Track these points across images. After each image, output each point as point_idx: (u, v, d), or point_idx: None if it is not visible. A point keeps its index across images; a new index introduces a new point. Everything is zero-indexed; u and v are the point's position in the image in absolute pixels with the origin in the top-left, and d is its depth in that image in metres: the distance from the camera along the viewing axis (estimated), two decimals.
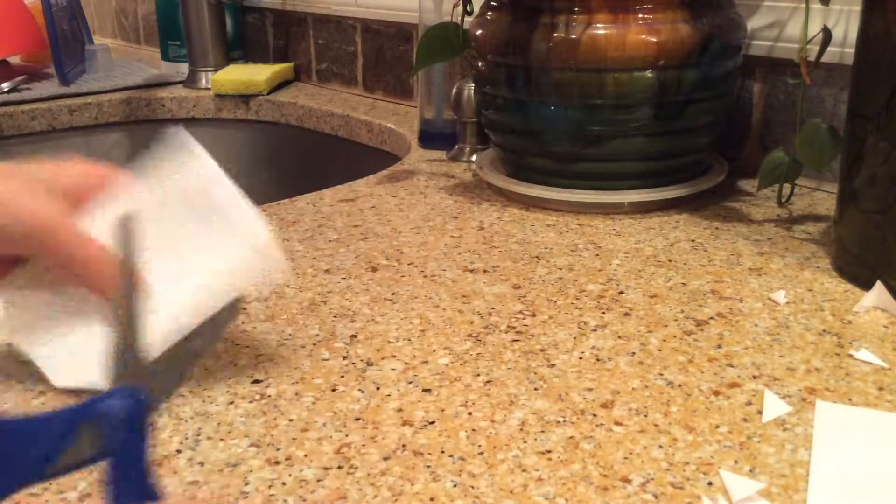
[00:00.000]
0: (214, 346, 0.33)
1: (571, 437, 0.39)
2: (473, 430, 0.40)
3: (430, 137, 0.91)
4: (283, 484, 0.36)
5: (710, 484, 0.36)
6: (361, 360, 0.46)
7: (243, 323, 0.51)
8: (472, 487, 0.36)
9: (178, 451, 0.38)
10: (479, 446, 0.38)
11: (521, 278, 0.57)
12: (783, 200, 0.70)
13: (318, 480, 0.36)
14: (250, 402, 0.42)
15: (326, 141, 1.13)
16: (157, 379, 0.30)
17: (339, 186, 0.78)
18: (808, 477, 0.36)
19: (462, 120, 0.85)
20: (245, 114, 1.21)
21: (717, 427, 0.40)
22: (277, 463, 0.38)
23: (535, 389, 0.43)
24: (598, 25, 0.65)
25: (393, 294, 0.55)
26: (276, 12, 1.29)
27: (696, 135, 0.70)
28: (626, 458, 0.37)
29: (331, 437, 0.39)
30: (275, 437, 0.39)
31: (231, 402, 0.42)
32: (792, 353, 0.46)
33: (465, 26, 0.74)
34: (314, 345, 0.48)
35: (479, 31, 0.72)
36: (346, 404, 0.42)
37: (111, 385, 0.28)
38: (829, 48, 0.63)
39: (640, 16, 0.65)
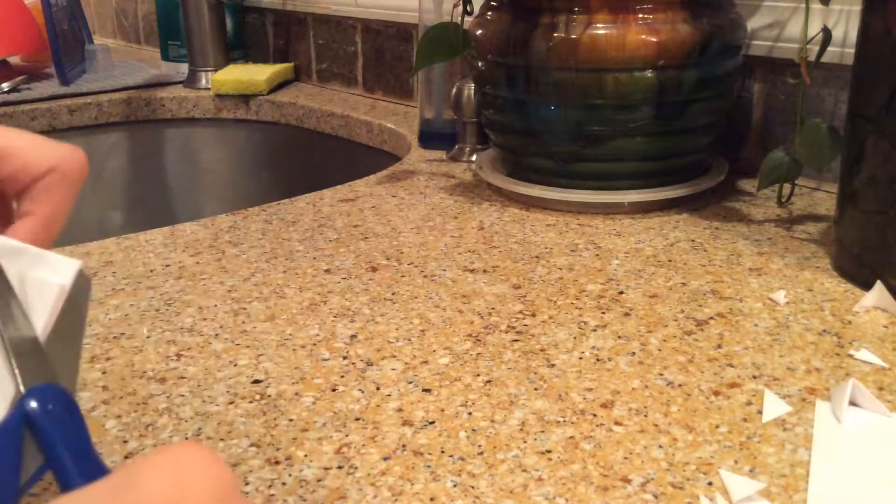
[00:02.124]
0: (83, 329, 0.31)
1: (571, 437, 0.39)
2: (473, 430, 0.40)
3: (430, 137, 0.91)
4: (283, 484, 0.36)
5: (710, 484, 0.36)
6: (361, 360, 0.46)
7: (243, 323, 0.51)
8: (472, 487, 0.36)
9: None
10: (479, 446, 0.38)
11: (521, 278, 0.57)
12: (783, 200, 0.70)
13: (318, 480, 0.36)
14: (250, 402, 0.42)
15: (326, 141, 1.13)
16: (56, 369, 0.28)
17: (339, 186, 0.78)
18: (808, 477, 0.36)
19: (462, 120, 0.85)
20: (245, 114, 1.21)
21: (717, 427, 0.40)
22: (277, 463, 0.38)
23: (535, 389, 0.43)
24: (598, 25, 0.65)
25: (393, 294, 0.55)
26: (276, 12, 1.29)
27: (696, 135, 0.70)
28: (626, 458, 0.37)
29: (331, 437, 0.39)
30: (275, 437, 0.39)
31: (231, 402, 0.42)
32: (792, 353, 0.46)
33: (465, 26, 0.74)
34: (314, 345, 0.48)
35: (479, 31, 0.72)
36: (346, 404, 0.42)
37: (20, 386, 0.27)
38: (829, 48, 0.63)
39: (640, 16, 0.65)
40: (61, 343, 0.29)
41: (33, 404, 0.25)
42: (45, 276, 0.29)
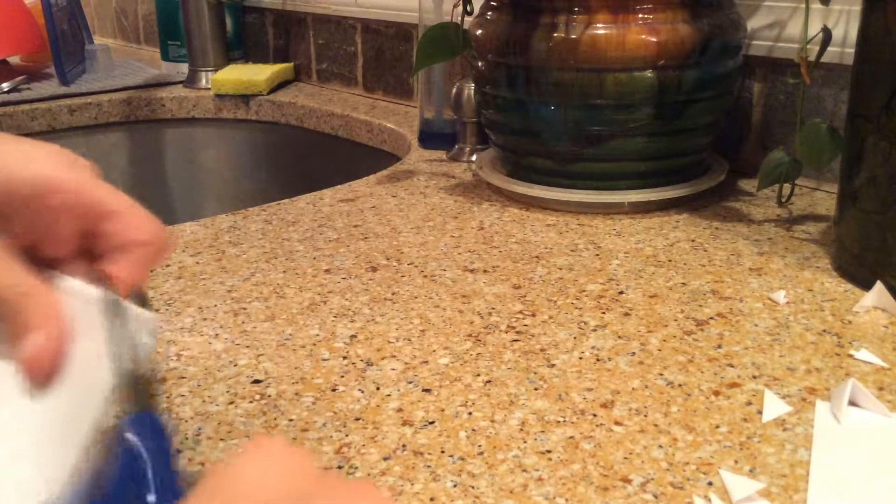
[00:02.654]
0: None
1: (571, 437, 0.39)
2: (473, 430, 0.40)
3: (430, 137, 0.91)
4: None
5: (710, 484, 0.36)
6: (361, 360, 0.46)
7: (243, 323, 0.51)
8: (472, 487, 0.36)
9: (179, 451, 0.38)
10: (479, 446, 0.38)
11: (521, 278, 0.57)
12: (783, 200, 0.70)
13: None
14: (250, 402, 0.42)
15: (326, 141, 1.13)
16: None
17: (339, 186, 0.78)
18: (808, 477, 0.36)
19: (462, 120, 0.85)
20: (245, 114, 1.21)
21: (717, 427, 0.40)
22: None
23: (535, 389, 0.43)
24: (598, 25, 0.65)
25: (393, 294, 0.55)
26: (276, 12, 1.29)
27: (696, 135, 0.70)
28: (626, 458, 0.37)
29: (331, 437, 0.39)
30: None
31: (231, 402, 0.42)
32: (792, 353, 0.46)
33: (465, 26, 0.74)
34: (314, 345, 0.48)
35: (479, 31, 0.72)
36: (346, 404, 0.42)
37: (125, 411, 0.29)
38: (829, 48, 0.63)
39: (640, 16, 0.65)
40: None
41: (129, 435, 0.27)
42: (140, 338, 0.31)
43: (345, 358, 0.47)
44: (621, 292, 0.54)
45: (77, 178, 0.31)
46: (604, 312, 0.52)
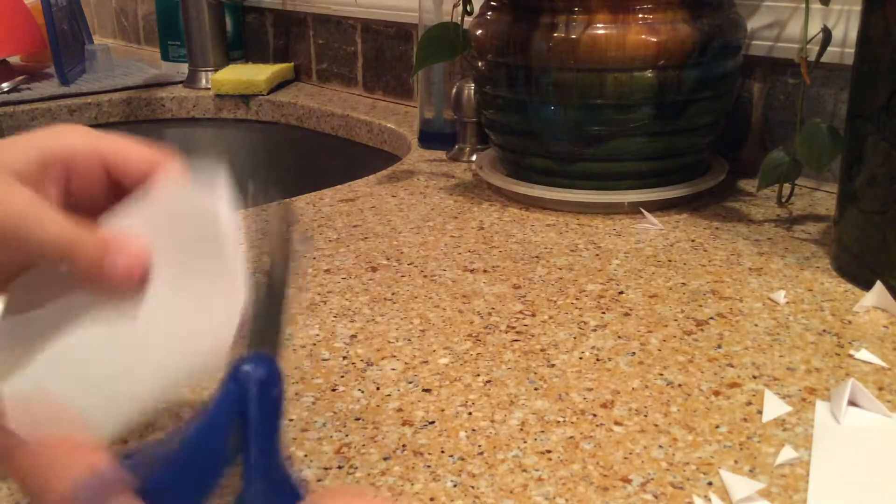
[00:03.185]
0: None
1: (571, 437, 0.39)
2: (473, 430, 0.40)
3: (430, 137, 0.91)
4: None
5: (710, 484, 0.36)
6: (361, 360, 0.46)
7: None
8: (472, 487, 0.36)
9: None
10: (479, 446, 0.38)
11: (521, 278, 0.57)
12: (783, 200, 0.70)
13: (318, 480, 0.36)
14: None
15: (326, 141, 1.13)
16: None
17: (339, 186, 0.78)
18: (808, 477, 0.36)
19: (462, 120, 0.85)
20: (245, 114, 1.21)
21: (717, 427, 0.40)
22: None
23: (535, 389, 0.43)
24: (598, 25, 0.65)
25: (393, 294, 0.55)
26: (276, 12, 1.29)
27: (696, 135, 0.70)
28: (626, 458, 0.37)
29: (331, 437, 0.39)
30: None
31: None
32: (792, 353, 0.46)
33: (465, 26, 0.74)
34: (314, 345, 0.48)
35: (479, 31, 0.72)
36: (346, 404, 0.42)
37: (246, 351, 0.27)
38: (829, 48, 0.63)
39: (640, 16, 0.65)
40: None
41: (245, 368, 0.26)
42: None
43: (345, 358, 0.47)
44: (621, 292, 0.54)
45: (95, 140, 0.33)
46: (604, 312, 0.52)
